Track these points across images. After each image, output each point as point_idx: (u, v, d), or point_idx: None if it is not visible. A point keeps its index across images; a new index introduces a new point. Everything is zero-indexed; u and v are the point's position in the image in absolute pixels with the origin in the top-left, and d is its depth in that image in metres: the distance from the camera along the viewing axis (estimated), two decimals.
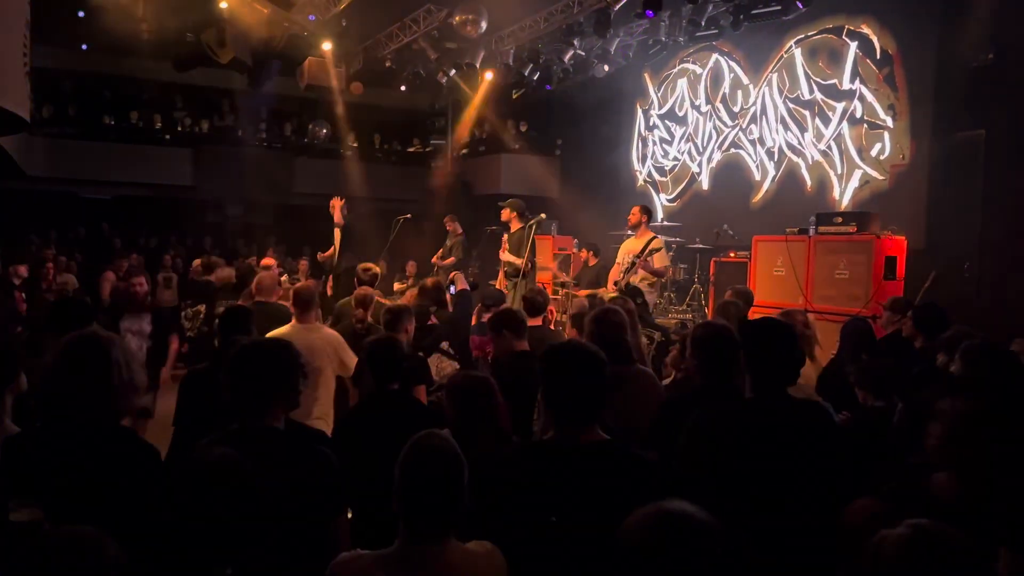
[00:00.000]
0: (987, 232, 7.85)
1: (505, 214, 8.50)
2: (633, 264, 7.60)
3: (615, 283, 7.85)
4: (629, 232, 8.19)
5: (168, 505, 1.75)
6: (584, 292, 9.33)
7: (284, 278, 10.43)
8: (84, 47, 13.12)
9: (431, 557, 1.92)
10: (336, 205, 8.50)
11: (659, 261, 7.74)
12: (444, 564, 1.92)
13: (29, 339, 5.63)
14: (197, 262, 9.53)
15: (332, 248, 8.51)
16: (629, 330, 3.84)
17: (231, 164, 14.77)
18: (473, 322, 5.53)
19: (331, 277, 8.54)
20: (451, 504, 1.94)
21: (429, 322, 5.08)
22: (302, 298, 4.79)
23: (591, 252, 10.08)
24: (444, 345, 4.91)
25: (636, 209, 8.08)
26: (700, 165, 11.93)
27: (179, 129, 15.61)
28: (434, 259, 10.56)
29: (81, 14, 11.51)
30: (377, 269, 6.69)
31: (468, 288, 5.63)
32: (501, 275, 8.75)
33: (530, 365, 3.65)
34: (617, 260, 8.11)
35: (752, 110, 10.98)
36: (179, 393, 3.78)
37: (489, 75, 12.91)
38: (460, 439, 2.65)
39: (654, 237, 7.96)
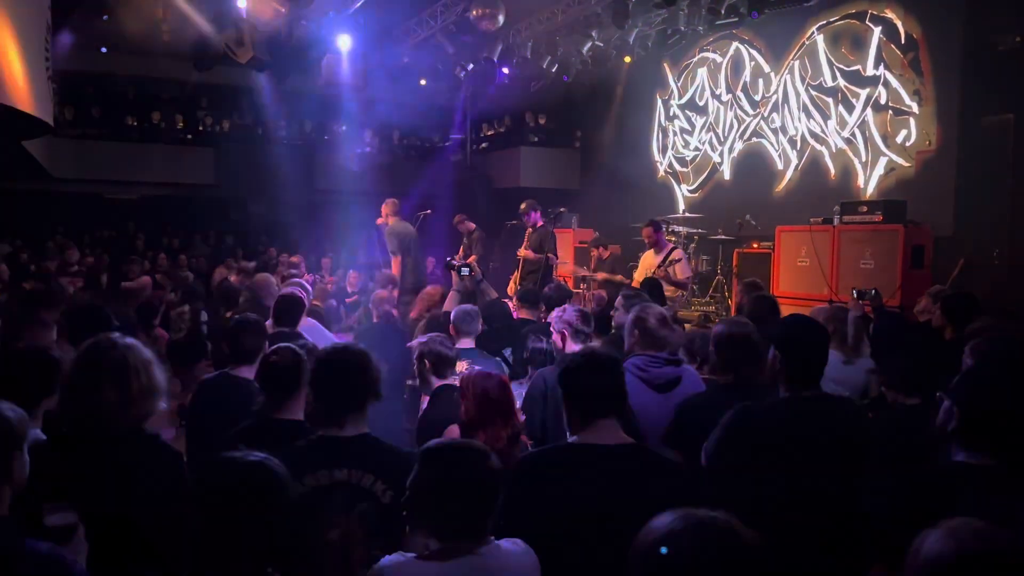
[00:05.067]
0: (1017, 218, 7.70)
1: (532, 217, 8.55)
2: (653, 275, 7.61)
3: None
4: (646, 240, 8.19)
5: (200, 511, 1.75)
6: (601, 275, 9.33)
7: (309, 277, 10.54)
8: (104, 49, 13.24)
9: (471, 554, 1.93)
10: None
11: (680, 272, 7.74)
12: (483, 561, 1.94)
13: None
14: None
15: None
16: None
17: (252, 162, 14.89)
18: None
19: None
20: (491, 502, 1.97)
21: None
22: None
23: (601, 247, 10.10)
24: None
25: (647, 230, 8.04)
26: (721, 155, 11.81)
27: (201, 128, 15.74)
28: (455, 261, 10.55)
29: (104, 16, 11.64)
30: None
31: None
32: (517, 273, 8.76)
33: None
34: (635, 276, 8.10)
35: (774, 98, 10.85)
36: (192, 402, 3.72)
37: None
38: (473, 437, 2.66)
39: (674, 248, 7.94)
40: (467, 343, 4.31)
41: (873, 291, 5.36)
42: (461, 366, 3.85)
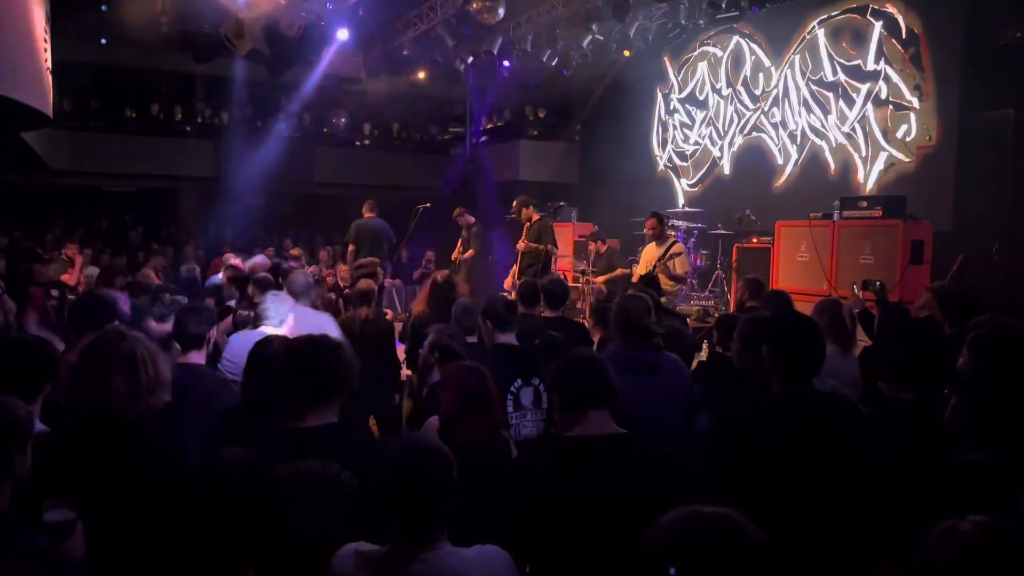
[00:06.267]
0: (1016, 213, 7.70)
1: (524, 213, 8.58)
2: (653, 269, 7.63)
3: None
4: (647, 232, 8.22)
5: (185, 507, 1.76)
6: (601, 278, 9.34)
7: (312, 269, 10.57)
8: (104, 41, 13.20)
9: (419, 559, 1.88)
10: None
11: (680, 267, 7.77)
12: (431, 567, 1.88)
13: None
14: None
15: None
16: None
17: (251, 155, 14.85)
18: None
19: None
20: (438, 505, 1.90)
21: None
22: None
23: (599, 241, 10.11)
24: None
25: (651, 222, 8.09)
26: (721, 149, 11.80)
27: (200, 121, 15.69)
28: (454, 256, 10.56)
29: (104, 8, 11.61)
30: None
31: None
32: (516, 267, 8.76)
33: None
34: (637, 271, 8.13)
35: (774, 93, 10.83)
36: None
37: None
38: (453, 429, 2.65)
39: (675, 242, 7.97)
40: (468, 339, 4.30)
41: (878, 283, 5.35)
42: None
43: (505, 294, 8.60)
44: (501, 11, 10.47)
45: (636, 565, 1.32)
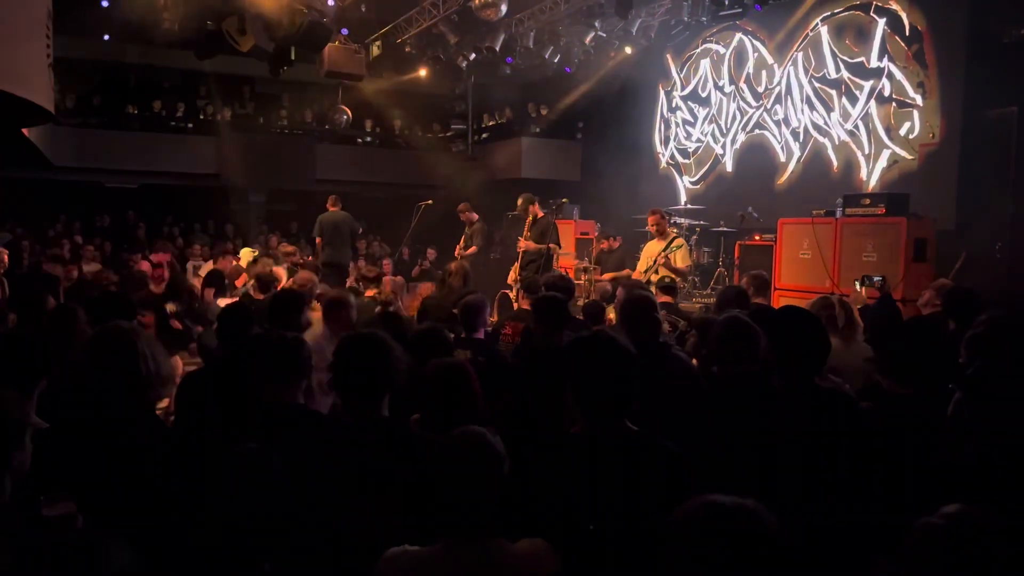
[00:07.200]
0: (1019, 211, 7.68)
1: (530, 210, 8.59)
2: (655, 263, 7.62)
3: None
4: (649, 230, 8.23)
5: (200, 502, 1.75)
6: (608, 275, 9.32)
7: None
8: (106, 37, 13.19)
9: (475, 557, 1.87)
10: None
11: (681, 261, 7.76)
12: (488, 565, 1.87)
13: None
14: None
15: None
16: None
17: (253, 151, 14.85)
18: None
19: None
20: (491, 502, 1.90)
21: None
22: None
23: (610, 239, 10.07)
24: None
25: (653, 217, 8.11)
26: (724, 147, 11.78)
27: (201, 117, 15.69)
28: (456, 251, 10.55)
29: (105, 3, 11.58)
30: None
31: None
32: (517, 264, 8.75)
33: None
34: (638, 268, 8.13)
35: (777, 90, 10.81)
36: (177, 396, 3.60)
37: None
38: (434, 425, 2.64)
39: (676, 236, 7.96)
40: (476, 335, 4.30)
41: (880, 279, 5.33)
42: (464, 354, 3.83)
43: (506, 291, 8.62)
44: (503, 8, 10.43)
45: (656, 554, 1.32)
